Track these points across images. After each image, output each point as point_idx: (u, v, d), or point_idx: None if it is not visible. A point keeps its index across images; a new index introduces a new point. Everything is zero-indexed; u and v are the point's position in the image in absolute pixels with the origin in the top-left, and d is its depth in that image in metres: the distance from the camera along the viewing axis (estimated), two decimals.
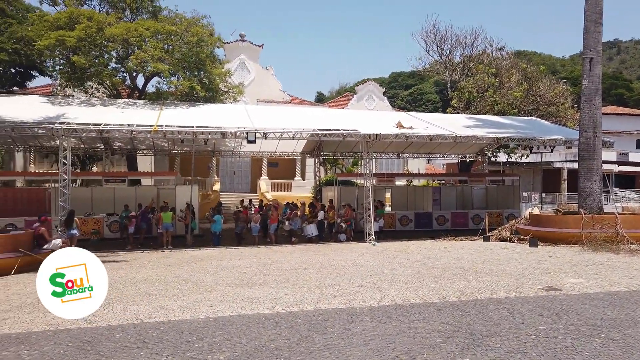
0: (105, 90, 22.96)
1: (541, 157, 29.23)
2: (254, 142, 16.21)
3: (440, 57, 32.64)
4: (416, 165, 37.42)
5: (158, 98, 21.39)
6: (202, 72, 21.21)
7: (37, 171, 29.39)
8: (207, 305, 7.45)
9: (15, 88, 24.62)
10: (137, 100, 20.57)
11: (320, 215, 19.05)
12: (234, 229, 18.47)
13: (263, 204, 22.30)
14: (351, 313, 6.76)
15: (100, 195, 20.22)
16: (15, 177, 24.23)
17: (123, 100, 20.56)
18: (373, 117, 22.37)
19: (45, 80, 26.72)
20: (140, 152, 24.76)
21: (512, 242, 15.88)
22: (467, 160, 28.91)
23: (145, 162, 29.50)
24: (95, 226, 19.29)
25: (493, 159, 29.94)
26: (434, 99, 63.59)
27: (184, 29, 20.11)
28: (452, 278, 9.46)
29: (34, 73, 24.29)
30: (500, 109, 26.08)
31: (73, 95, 21.83)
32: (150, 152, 25.22)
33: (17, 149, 24.28)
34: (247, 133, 15.95)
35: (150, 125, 15.67)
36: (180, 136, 16.54)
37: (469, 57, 31.56)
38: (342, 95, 46.13)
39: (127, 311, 7.17)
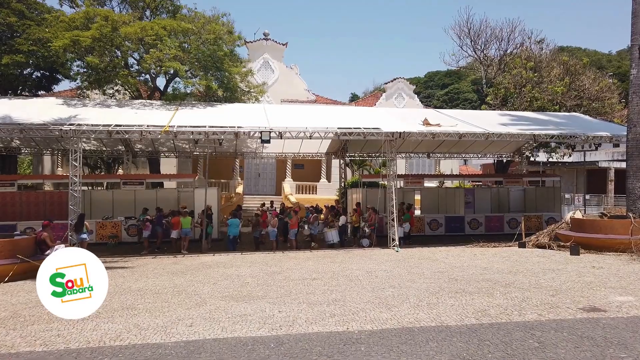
0: (127, 92, 22.68)
1: (584, 156, 27.08)
2: (268, 142, 15.37)
3: (475, 52, 30.88)
4: (449, 165, 35.69)
5: (175, 99, 20.87)
6: (220, 71, 20.52)
7: (51, 174, 29.44)
8: (186, 324, 6.56)
9: (41, 92, 24.76)
10: (153, 101, 20.09)
11: (342, 220, 18.01)
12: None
13: (285, 208, 21.47)
14: (345, 339, 5.71)
15: (121, 198, 19.92)
16: (35, 180, 24.59)
17: (139, 101, 20.14)
18: (399, 114, 21.14)
19: (72, 83, 26.77)
20: (162, 154, 24.38)
21: (551, 249, 14.37)
22: (504, 161, 27.18)
23: (170, 165, 29.25)
24: (113, 230, 18.96)
25: (532, 158, 28.00)
26: (472, 97, 61.10)
27: (200, 27, 19.48)
28: (476, 293, 8.26)
29: (60, 77, 24.31)
30: (539, 106, 24.27)
31: (94, 98, 21.64)
32: (173, 155, 24.81)
33: (43, 152, 24.42)
34: (261, 133, 15.16)
35: (162, 126, 15.11)
36: (192, 136, 15.92)
37: (505, 52, 29.69)
38: (370, 94, 44.70)
39: (96, 330, 6.37)
